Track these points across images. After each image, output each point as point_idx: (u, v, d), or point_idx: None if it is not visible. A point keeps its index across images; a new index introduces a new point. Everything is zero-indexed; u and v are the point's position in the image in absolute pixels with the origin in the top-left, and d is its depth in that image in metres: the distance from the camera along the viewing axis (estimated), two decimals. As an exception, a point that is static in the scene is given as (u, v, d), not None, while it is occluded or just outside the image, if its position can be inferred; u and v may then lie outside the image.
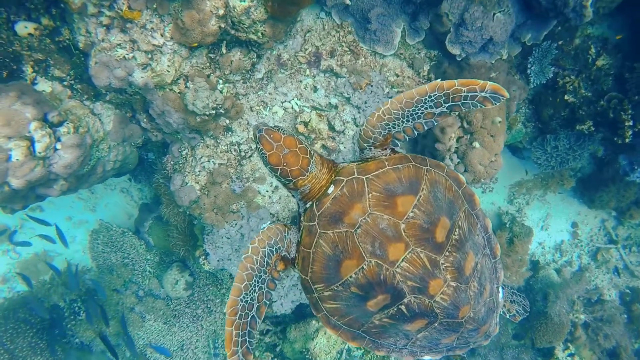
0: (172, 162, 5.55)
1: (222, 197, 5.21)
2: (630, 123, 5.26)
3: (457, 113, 3.00)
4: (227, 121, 5.16)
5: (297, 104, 5.28)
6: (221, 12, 4.24)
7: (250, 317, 2.71)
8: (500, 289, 3.12)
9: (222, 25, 4.37)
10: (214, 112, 4.80)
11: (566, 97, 5.83)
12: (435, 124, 2.85)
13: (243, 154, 5.29)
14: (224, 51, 4.77)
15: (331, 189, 2.64)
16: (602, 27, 5.68)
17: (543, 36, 5.15)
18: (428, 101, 2.72)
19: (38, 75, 4.73)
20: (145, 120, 5.46)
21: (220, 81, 4.99)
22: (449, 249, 2.64)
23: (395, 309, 2.64)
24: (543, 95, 6.07)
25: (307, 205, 2.72)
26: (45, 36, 4.66)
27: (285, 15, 4.16)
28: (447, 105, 2.71)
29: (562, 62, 5.76)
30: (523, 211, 7.96)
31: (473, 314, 2.80)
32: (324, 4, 5.02)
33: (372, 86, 5.15)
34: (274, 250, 2.79)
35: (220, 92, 4.95)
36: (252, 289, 2.71)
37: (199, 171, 5.30)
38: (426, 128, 2.85)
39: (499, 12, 4.62)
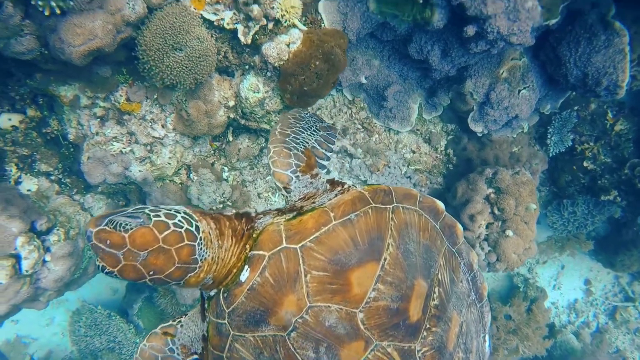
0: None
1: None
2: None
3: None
4: (233, 211, 4.69)
5: (308, 187, 4.87)
6: (231, 103, 3.85)
7: None
8: (487, 338, 2.49)
9: (232, 116, 3.98)
10: (221, 205, 4.34)
11: (585, 164, 5.59)
12: None
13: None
14: (231, 139, 4.36)
15: (245, 273, 1.84)
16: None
17: (559, 104, 4.94)
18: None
19: (22, 172, 4.21)
20: (141, 209, 4.95)
21: (226, 169, 4.56)
22: (427, 325, 1.97)
23: None
24: (560, 161, 5.82)
25: (212, 294, 1.95)
26: (31, 129, 4.18)
27: (304, 107, 3.81)
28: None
29: (579, 128, 5.54)
30: (534, 270, 7.65)
31: None
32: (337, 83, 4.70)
33: (389, 167, 4.80)
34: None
35: (226, 181, 4.51)
36: None
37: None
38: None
39: (524, 88, 4.36)
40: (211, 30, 3.54)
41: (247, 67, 3.69)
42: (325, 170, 2.38)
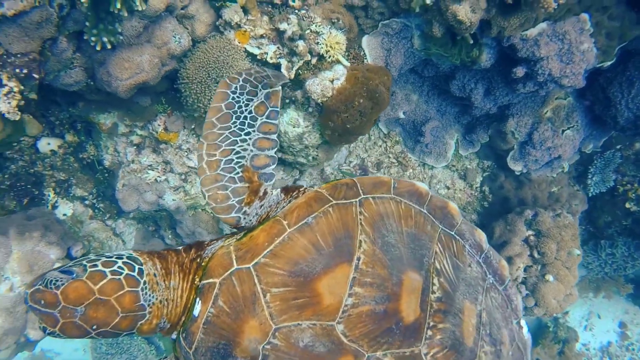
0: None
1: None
2: None
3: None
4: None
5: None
6: (270, 136, 3.80)
7: None
8: (523, 323, 2.18)
9: (269, 149, 3.93)
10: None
11: (627, 205, 5.37)
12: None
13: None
14: (266, 170, 4.31)
15: (197, 306, 1.67)
16: (662, 133, 5.33)
17: (602, 142, 4.79)
18: (240, 92, 2.01)
19: (59, 197, 4.23)
20: (170, 236, 4.91)
21: (259, 199, 4.50)
22: (431, 323, 1.72)
23: None
24: (599, 201, 5.61)
25: (174, 337, 1.81)
26: (69, 154, 4.20)
27: (344, 143, 3.74)
28: (264, 92, 1.99)
29: (622, 168, 5.35)
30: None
31: None
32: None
33: (425, 203, 4.69)
34: None
35: (259, 212, 4.45)
36: None
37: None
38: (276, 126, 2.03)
39: (568, 128, 4.24)
40: (253, 64, 3.52)
41: (287, 101, 3.65)
42: (273, 181, 2.04)
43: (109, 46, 2.67)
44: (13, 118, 2.43)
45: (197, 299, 1.68)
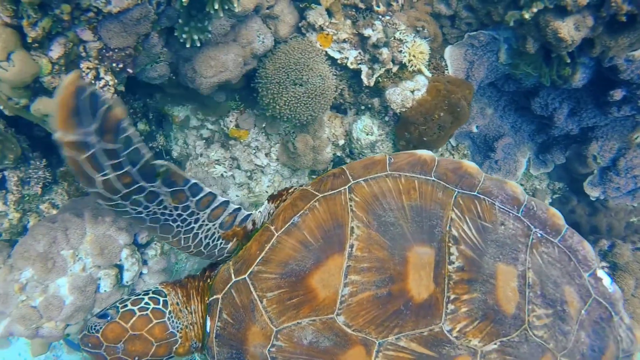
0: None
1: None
2: None
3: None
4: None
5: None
6: (341, 142, 3.74)
7: None
8: (601, 273, 1.90)
9: (338, 154, 3.87)
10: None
11: None
12: None
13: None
14: (330, 174, 4.26)
15: (208, 323, 1.83)
16: None
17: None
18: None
19: (126, 184, 4.32)
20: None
21: (320, 202, 4.46)
22: (452, 297, 1.61)
23: None
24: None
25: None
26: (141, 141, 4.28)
27: (417, 155, 3.63)
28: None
29: None
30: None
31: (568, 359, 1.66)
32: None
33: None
34: None
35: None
36: None
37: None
38: None
39: (657, 157, 3.95)
40: (332, 67, 3.45)
41: (362, 107, 3.58)
42: (243, 211, 2.05)
43: (198, 44, 2.67)
44: (104, 111, 2.46)
45: (207, 316, 1.83)
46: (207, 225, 1.93)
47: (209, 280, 1.94)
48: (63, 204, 4.06)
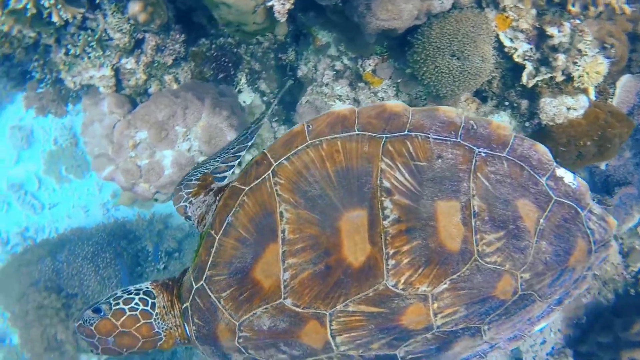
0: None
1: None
2: None
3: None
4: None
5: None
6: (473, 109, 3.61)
7: None
8: (559, 173, 1.72)
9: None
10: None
11: None
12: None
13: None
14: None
15: (186, 328, 2.00)
16: None
17: None
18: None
19: (247, 84, 4.41)
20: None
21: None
22: (391, 252, 1.63)
23: None
24: None
25: None
26: (272, 50, 4.30)
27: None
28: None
29: None
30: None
31: (530, 274, 1.67)
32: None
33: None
34: None
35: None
36: None
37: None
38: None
39: None
40: (495, 52, 3.26)
41: (506, 103, 3.40)
42: (224, 182, 2.18)
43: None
44: (279, 19, 2.48)
45: (184, 322, 1.99)
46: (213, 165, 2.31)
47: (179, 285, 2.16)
48: (185, 81, 4.22)
